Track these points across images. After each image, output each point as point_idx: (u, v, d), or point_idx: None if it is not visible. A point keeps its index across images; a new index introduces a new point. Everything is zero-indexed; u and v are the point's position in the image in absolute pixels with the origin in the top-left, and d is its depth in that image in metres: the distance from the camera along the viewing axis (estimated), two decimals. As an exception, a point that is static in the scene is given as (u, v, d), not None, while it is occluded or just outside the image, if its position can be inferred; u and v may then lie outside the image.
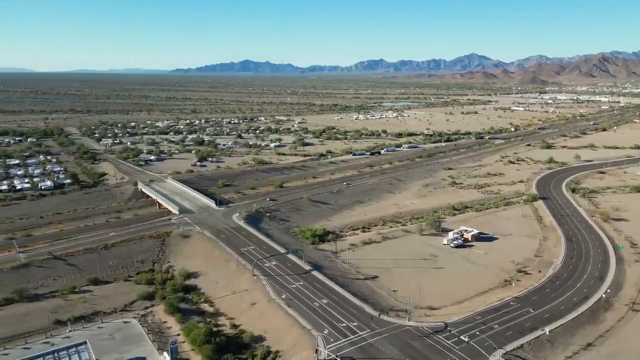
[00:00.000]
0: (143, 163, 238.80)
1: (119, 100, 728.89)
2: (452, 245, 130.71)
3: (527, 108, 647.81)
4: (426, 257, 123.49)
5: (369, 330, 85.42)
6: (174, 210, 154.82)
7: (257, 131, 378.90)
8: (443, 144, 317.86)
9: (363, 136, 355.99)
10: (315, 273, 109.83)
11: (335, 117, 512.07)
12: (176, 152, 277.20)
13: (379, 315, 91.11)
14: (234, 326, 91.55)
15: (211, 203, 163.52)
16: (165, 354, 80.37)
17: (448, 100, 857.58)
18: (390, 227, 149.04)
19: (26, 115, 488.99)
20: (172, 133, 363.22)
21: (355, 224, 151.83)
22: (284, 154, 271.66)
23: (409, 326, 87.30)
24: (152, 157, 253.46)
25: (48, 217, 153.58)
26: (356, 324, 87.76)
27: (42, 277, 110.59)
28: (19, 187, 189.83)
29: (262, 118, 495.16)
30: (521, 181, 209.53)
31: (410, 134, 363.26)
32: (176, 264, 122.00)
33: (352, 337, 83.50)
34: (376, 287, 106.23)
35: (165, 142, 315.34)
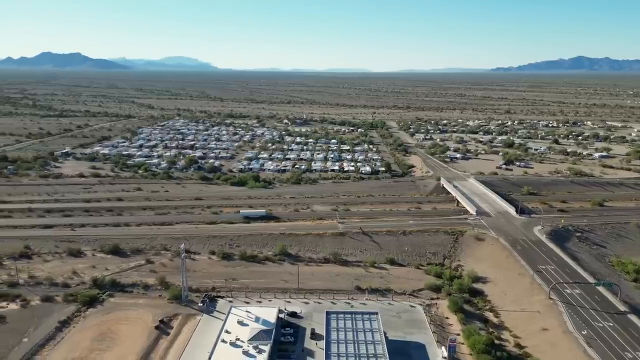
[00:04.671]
0: (448, 160, 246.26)
1: (435, 99, 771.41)
2: None
3: None
4: None
5: None
6: (472, 210, 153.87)
7: (580, 137, 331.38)
8: None
9: None
10: (633, 317, 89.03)
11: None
12: (482, 152, 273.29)
13: None
14: (519, 346, 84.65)
15: (511, 210, 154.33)
16: (443, 348, 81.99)
17: None
18: None
19: (359, 109, 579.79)
20: (481, 133, 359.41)
21: None
22: (610, 167, 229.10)
23: None
24: (458, 155, 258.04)
25: (363, 197, 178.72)
26: (688, 401, 66.64)
27: (352, 247, 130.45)
28: (346, 168, 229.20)
29: (589, 122, 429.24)
30: None
31: None
32: (466, 264, 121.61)
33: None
34: None
35: (473, 141, 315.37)
